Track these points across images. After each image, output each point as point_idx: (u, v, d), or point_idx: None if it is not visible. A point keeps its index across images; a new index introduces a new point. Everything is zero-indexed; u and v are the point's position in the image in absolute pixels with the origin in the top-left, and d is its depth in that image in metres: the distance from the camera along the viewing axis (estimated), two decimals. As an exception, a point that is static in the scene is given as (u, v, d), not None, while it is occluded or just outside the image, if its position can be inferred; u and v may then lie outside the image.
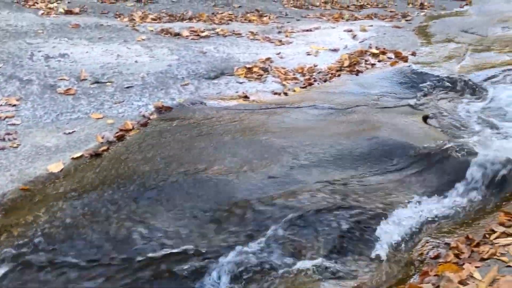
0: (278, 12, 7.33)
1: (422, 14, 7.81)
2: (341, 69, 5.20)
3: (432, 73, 4.97)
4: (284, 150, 3.45)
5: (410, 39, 6.10)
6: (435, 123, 4.21)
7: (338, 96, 4.53)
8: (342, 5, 8.07)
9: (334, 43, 5.91)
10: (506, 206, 2.73)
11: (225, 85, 4.71)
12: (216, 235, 2.55)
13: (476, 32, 6.42)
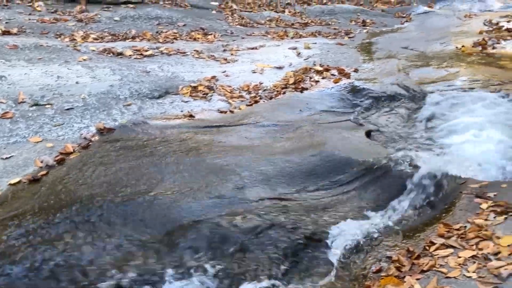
0: (224, 30, 7.37)
1: (365, 31, 8.04)
2: (286, 86, 5.26)
3: (374, 88, 5.10)
4: (229, 169, 3.44)
5: (352, 56, 6.26)
6: (378, 137, 4.32)
7: (283, 113, 4.57)
8: (286, 23, 8.19)
9: (279, 60, 5.99)
10: (445, 218, 2.82)
11: (170, 105, 4.68)
12: (158, 261, 2.51)
13: (416, 48, 6.65)
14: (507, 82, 5.12)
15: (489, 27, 7.78)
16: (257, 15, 8.39)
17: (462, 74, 5.39)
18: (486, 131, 4.28)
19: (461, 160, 3.83)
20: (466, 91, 4.99)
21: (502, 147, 3.98)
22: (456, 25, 8.17)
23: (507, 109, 4.59)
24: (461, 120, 4.50)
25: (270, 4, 8.99)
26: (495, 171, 3.65)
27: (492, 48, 6.46)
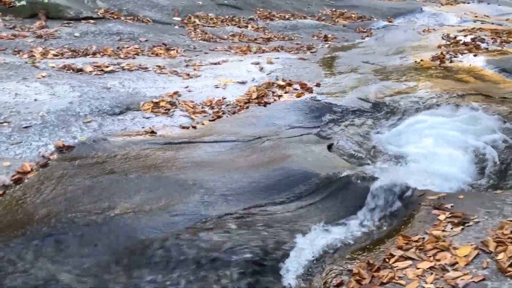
0: (186, 45, 7.37)
1: (326, 46, 8.16)
2: (249, 101, 5.29)
3: (336, 102, 5.18)
4: (191, 185, 3.43)
5: (314, 71, 6.35)
6: (340, 150, 4.38)
7: (246, 128, 4.59)
8: (250, 38, 8.25)
9: (242, 75, 6.02)
10: (405, 230, 2.87)
11: (131, 121, 4.64)
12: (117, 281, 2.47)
13: (376, 63, 6.79)
14: (464, 95, 5.28)
15: (447, 41, 8.02)
16: (220, 30, 8.43)
17: (421, 87, 5.54)
18: (444, 143, 4.40)
19: (421, 171, 3.93)
20: (425, 103, 5.12)
21: (459, 158, 4.10)
22: (415, 40, 8.39)
23: (464, 121, 4.73)
24: (420, 133, 4.62)
25: (233, 19, 9.04)
26: (452, 182, 3.75)
27: (450, 62, 6.66)
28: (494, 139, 4.45)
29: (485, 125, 4.64)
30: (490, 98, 5.19)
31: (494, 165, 4.04)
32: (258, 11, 9.72)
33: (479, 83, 5.71)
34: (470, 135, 4.47)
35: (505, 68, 6.20)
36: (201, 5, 9.10)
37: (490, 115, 4.80)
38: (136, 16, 8.06)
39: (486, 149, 4.25)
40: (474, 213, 2.82)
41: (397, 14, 10.76)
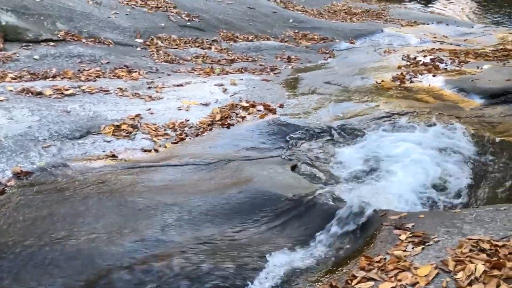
0: (149, 67, 7.35)
1: (290, 67, 8.27)
2: (213, 123, 5.30)
3: (299, 123, 5.23)
4: (153, 210, 3.41)
5: (278, 92, 6.41)
6: (304, 171, 4.42)
7: (209, 151, 4.59)
8: (213, 59, 8.29)
9: (205, 97, 6.03)
10: (367, 251, 2.91)
11: (91, 145, 4.58)
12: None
13: (339, 84, 6.90)
14: (424, 114, 5.41)
15: (407, 61, 8.21)
16: (183, 51, 8.44)
17: (382, 107, 5.65)
18: (406, 161, 4.49)
19: (383, 191, 4.00)
20: (386, 123, 5.22)
21: (420, 178, 4.18)
22: (376, 60, 8.57)
23: (425, 140, 4.84)
24: (382, 152, 4.70)
25: (196, 41, 9.08)
26: (413, 201, 3.82)
27: (409, 82, 6.82)
28: (454, 157, 4.57)
29: (445, 144, 4.76)
30: (449, 117, 5.33)
31: (454, 183, 4.14)
32: (221, 33, 9.80)
33: (438, 103, 5.87)
34: (430, 153, 4.58)
35: (463, 88, 6.39)
36: (163, 26, 9.12)
37: (450, 134, 4.93)
38: (97, 38, 8.00)
39: (447, 167, 4.36)
40: (434, 232, 2.89)
41: (358, 36, 10.99)
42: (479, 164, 4.39)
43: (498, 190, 4.01)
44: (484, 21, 13.98)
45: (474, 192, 4.02)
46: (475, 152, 4.58)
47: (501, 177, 4.16)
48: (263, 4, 11.87)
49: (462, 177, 4.23)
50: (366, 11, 13.68)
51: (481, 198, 3.92)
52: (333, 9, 13.76)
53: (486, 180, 4.16)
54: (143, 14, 9.31)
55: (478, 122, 5.21)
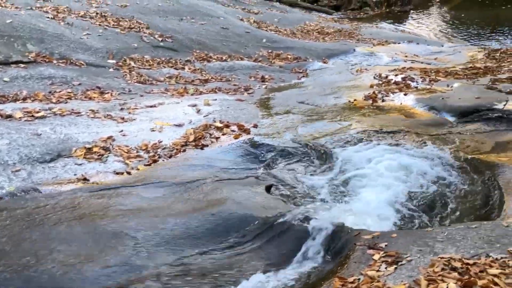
0: (121, 88, 7.32)
1: (263, 87, 8.32)
2: (186, 144, 5.30)
3: (273, 143, 5.27)
4: (126, 234, 3.37)
5: (252, 112, 6.44)
6: (278, 192, 4.43)
7: (183, 172, 4.57)
8: (187, 79, 8.30)
9: (179, 118, 6.03)
10: (341, 271, 2.92)
11: (62, 168, 4.53)
12: None
13: (312, 103, 6.98)
14: (396, 132, 5.50)
15: (379, 80, 8.34)
16: (156, 72, 8.44)
17: (355, 126, 5.72)
18: (378, 180, 4.55)
19: (356, 210, 4.03)
20: (359, 142, 5.29)
21: (393, 196, 4.24)
22: (349, 80, 8.69)
23: (397, 158, 4.91)
24: (355, 171, 4.75)
25: (170, 61, 9.10)
26: (386, 220, 3.86)
27: (382, 101, 6.93)
28: (426, 175, 4.64)
29: (417, 162, 4.83)
30: (421, 136, 5.43)
31: (426, 202, 4.20)
32: (195, 53, 9.83)
33: (410, 121, 5.96)
34: (403, 172, 4.64)
35: (434, 106, 6.51)
36: (136, 47, 9.12)
37: (422, 152, 5.01)
38: (69, 59, 7.95)
39: (419, 186, 4.43)
40: (407, 252, 2.92)
41: (331, 55, 11.14)
42: (451, 182, 4.46)
43: (469, 207, 4.08)
44: (454, 40, 14.33)
45: (446, 209, 4.08)
46: (447, 169, 4.66)
47: (472, 195, 4.24)
48: (237, 25, 11.98)
49: (435, 194, 4.29)
50: (338, 31, 13.89)
51: (453, 215, 3.99)
52: (306, 29, 13.93)
53: (458, 197, 4.23)
54: (115, 35, 9.30)
55: (449, 140, 5.31)
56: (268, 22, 13.61)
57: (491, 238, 2.96)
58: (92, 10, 10.33)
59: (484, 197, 4.15)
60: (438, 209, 4.10)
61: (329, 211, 3.98)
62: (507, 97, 6.54)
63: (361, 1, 18.71)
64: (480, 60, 10.35)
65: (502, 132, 5.56)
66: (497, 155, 4.69)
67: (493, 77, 8.09)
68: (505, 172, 4.28)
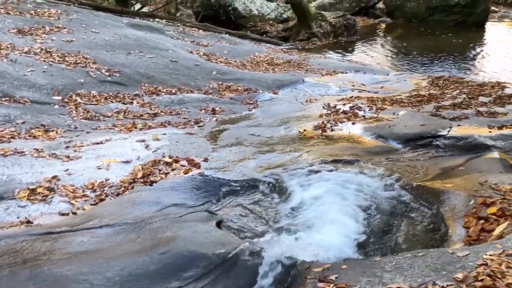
0: (67, 125, 7.18)
1: (214, 119, 8.34)
2: (135, 181, 5.23)
3: (224, 177, 5.27)
4: (71, 278, 3.28)
5: (202, 145, 6.43)
6: (229, 227, 4.43)
7: (131, 210, 4.50)
8: (135, 114, 8.23)
9: (126, 154, 5.95)
10: (293, 305, 2.92)
11: (4, 211, 4.39)
12: None
13: (263, 134, 7.04)
14: (345, 161, 5.61)
15: (327, 110, 8.53)
16: (103, 107, 8.33)
17: (305, 157, 5.80)
18: (329, 211, 4.61)
19: (307, 243, 4.06)
20: (309, 173, 5.36)
21: (343, 226, 4.30)
22: (299, 110, 8.84)
23: (346, 187, 5.00)
24: (307, 202, 4.81)
25: (118, 95, 9.01)
26: (337, 251, 3.91)
27: (331, 131, 7.07)
28: (375, 203, 4.74)
29: (365, 190, 4.94)
30: (368, 164, 5.55)
31: (375, 231, 4.28)
32: (143, 87, 9.78)
33: (358, 150, 6.10)
34: (352, 202, 4.73)
35: (381, 134, 6.70)
36: (82, 82, 8.99)
37: (370, 180, 5.13)
38: (12, 97, 7.75)
39: (368, 215, 4.51)
40: (356, 283, 2.95)
41: (281, 86, 11.29)
42: (398, 210, 4.57)
43: (417, 235, 4.18)
44: (399, 68, 14.83)
45: (394, 238, 4.16)
46: (394, 198, 4.77)
47: (420, 222, 4.35)
48: (186, 57, 12.02)
49: (383, 223, 4.38)
50: (288, 62, 14.13)
51: (402, 244, 4.07)
52: (255, 60, 14.11)
53: (406, 225, 4.33)
54: (61, 70, 9.17)
55: (396, 167, 5.45)
56: (218, 54, 13.71)
57: (438, 266, 3.04)
58: (37, 46, 10.16)
59: (431, 224, 4.26)
60: (386, 238, 4.18)
61: (281, 244, 3.99)
62: (451, 123, 6.81)
63: (309, 32, 19.12)
64: (424, 87, 10.74)
65: (447, 158, 5.76)
66: (442, 181, 4.85)
67: (437, 104, 8.41)
68: (450, 198, 4.42)
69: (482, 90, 9.67)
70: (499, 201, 4.00)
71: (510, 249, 3.08)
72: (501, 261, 2.94)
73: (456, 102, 8.46)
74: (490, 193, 4.20)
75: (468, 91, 9.60)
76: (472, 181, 4.62)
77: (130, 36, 12.41)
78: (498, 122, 6.82)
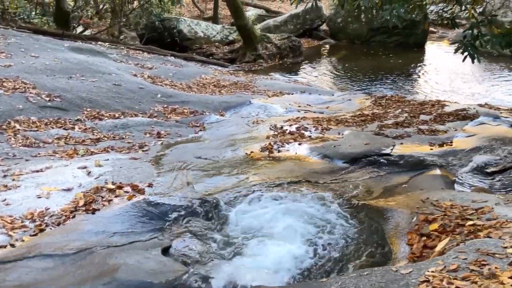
0: (5, 153, 6.93)
1: (159, 143, 8.24)
2: (76, 209, 5.10)
3: (170, 202, 5.20)
4: (6, 315, 3.14)
5: (146, 170, 6.34)
6: (176, 253, 4.36)
7: (73, 240, 4.38)
8: (77, 140, 8.04)
9: (67, 182, 5.79)
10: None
11: None
12: None
13: (209, 157, 7.01)
14: (292, 183, 5.67)
15: (274, 131, 8.60)
16: (44, 133, 8.10)
17: (252, 179, 5.82)
18: (276, 233, 4.63)
19: (255, 266, 4.05)
20: (256, 195, 5.37)
21: (289, 249, 4.32)
22: (246, 131, 8.86)
23: (293, 209, 5.04)
24: (252, 226, 4.82)
25: (58, 121, 8.79)
26: (284, 274, 3.92)
27: (277, 152, 7.13)
28: (322, 224, 4.79)
29: (312, 211, 5.00)
30: (314, 184, 5.63)
31: (321, 252, 4.32)
32: (86, 111, 9.59)
33: (305, 171, 6.17)
34: (298, 223, 4.77)
35: (327, 154, 6.82)
36: (21, 108, 8.73)
37: (317, 201, 5.19)
38: None
39: (313, 236, 4.55)
40: (303, 305, 2.97)
41: (228, 108, 11.32)
42: (344, 230, 4.64)
43: (362, 254, 4.25)
44: (343, 89, 15.18)
45: (340, 258, 4.22)
46: (340, 217, 4.84)
47: (365, 241, 4.43)
48: (130, 80, 11.89)
49: (329, 244, 4.43)
50: (234, 84, 14.21)
51: (348, 263, 4.13)
52: (202, 82, 14.11)
53: (351, 245, 4.40)
54: (-2, 96, 8.88)
55: (341, 187, 5.55)
56: (163, 77, 13.63)
57: (382, 285, 3.09)
58: (-28, 72, 9.84)
59: (376, 242, 4.35)
60: (332, 258, 4.23)
61: (228, 270, 3.97)
62: (394, 142, 7.01)
63: (255, 54, 19.35)
64: (367, 107, 11.02)
65: (390, 175, 5.92)
66: (386, 199, 4.97)
67: (380, 123, 8.64)
68: (393, 216, 4.53)
69: (423, 108, 10.02)
70: (440, 217, 4.13)
71: (451, 265, 3.18)
72: (443, 277, 3.03)
73: (398, 120, 8.72)
74: (432, 210, 4.33)
75: (410, 109, 9.93)
76: (414, 199, 4.75)
77: (71, 60, 12.19)
78: (439, 140, 7.08)
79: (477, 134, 7.46)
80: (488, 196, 4.71)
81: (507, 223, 3.78)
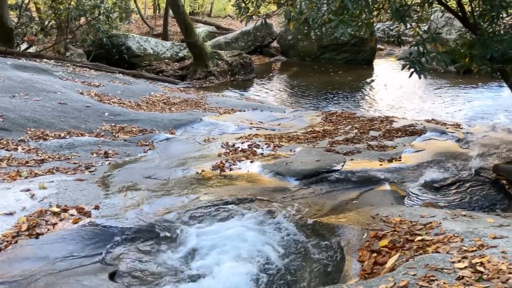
0: None
1: (107, 163, 8.07)
2: (19, 234, 4.90)
3: (117, 225, 5.09)
4: None
5: (93, 192, 6.18)
6: (123, 278, 4.26)
7: (13, 267, 4.20)
8: (20, 161, 7.77)
9: (9, 206, 5.58)
10: None
11: None
12: None
13: (159, 177, 6.91)
14: (244, 201, 5.65)
15: (226, 149, 8.57)
16: (-16, 155, 7.81)
17: (203, 199, 5.76)
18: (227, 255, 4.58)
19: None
20: (207, 215, 5.32)
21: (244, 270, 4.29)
22: (197, 150, 8.79)
23: (245, 229, 5.01)
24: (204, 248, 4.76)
25: (0, 142, 8.49)
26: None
27: (229, 170, 7.09)
28: (275, 242, 4.78)
29: (265, 229, 4.98)
30: (266, 202, 5.62)
31: (275, 272, 4.30)
32: (29, 131, 9.31)
33: (257, 189, 6.16)
34: (250, 243, 4.74)
35: (279, 171, 6.84)
36: (-41, 129, 8.41)
37: (269, 219, 5.18)
38: None
39: (267, 256, 4.53)
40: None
41: (178, 125, 11.23)
42: (296, 248, 4.64)
43: (315, 272, 4.26)
44: (294, 105, 15.34)
45: (294, 277, 4.21)
46: (291, 236, 4.84)
47: (317, 259, 4.44)
48: (75, 99, 11.64)
49: (282, 263, 4.42)
50: (185, 101, 14.13)
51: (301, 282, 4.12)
52: (151, 99, 13.96)
53: (304, 263, 4.40)
54: None
55: (292, 204, 5.56)
56: (111, 95, 13.41)
57: (334, 303, 3.10)
58: None
59: (328, 259, 4.37)
60: (286, 278, 4.21)
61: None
62: (344, 158, 7.11)
63: (205, 71, 19.33)
64: (318, 123, 11.17)
65: (341, 192, 5.99)
66: (337, 216, 5.01)
67: (331, 139, 8.76)
68: (344, 233, 4.57)
69: (372, 124, 10.23)
70: (390, 233, 4.19)
71: (401, 281, 3.22)
72: (393, 294, 3.06)
73: (348, 137, 8.87)
74: (382, 226, 4.39)
75: (359, 126, 10.12)
76: (365, 215, 4.81)
77: (14, 78, 11.84)
78: (388, 155, 7.23)
79: (425, 149, 7.66)
80: (436, 211, 4.82)
81: (454, 238, 3.87)
